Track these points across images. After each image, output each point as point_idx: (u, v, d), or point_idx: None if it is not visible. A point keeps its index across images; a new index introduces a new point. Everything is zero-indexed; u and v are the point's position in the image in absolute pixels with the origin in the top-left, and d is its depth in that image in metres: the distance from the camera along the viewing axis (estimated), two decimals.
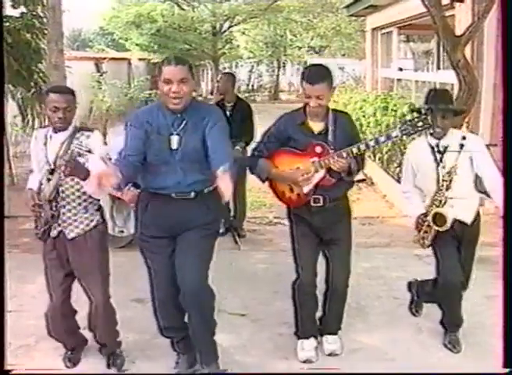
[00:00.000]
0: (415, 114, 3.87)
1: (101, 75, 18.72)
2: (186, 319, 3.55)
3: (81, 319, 3.84)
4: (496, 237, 5.72)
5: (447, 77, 8.81)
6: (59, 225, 3.49)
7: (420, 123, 3.50)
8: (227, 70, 25.48)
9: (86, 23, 32.95)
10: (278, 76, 30.55)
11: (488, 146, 7.94)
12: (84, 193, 3.45)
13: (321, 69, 3.66)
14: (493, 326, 3.73)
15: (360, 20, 19.56)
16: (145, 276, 4.93)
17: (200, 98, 18.09)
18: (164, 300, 3.53)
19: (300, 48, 27.68)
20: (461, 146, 3.68)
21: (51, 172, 3.41)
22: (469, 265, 3.99)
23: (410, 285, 4.47)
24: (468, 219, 3.87)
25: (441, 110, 3.69)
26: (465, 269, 3.92)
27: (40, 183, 3.48)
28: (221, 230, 5.64)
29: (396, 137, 3.56)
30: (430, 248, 3.93)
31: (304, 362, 3.81)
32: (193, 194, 3.31)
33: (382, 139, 3.59)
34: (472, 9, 7.64)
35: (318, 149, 3.55)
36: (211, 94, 22.15)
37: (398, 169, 7.75)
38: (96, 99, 16.42)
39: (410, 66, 12.92)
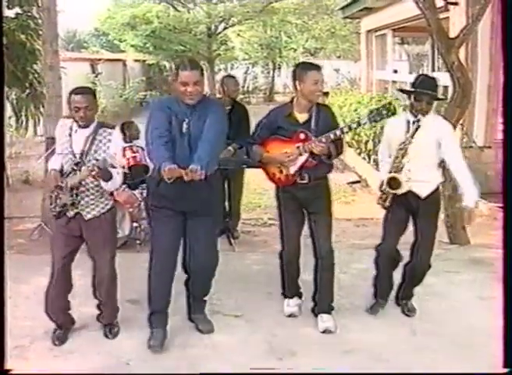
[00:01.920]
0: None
1: (96, 76, 18.69)
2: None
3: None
4: (489, 239, 5.80)
5: (441, 79, 8.84)
6: (77, 208, 3.91)
7: (384, 112, 4.03)
8: (223, 73, 25.48)
9: (81, 24, 32.84)
10: (273, 77, 30.52)
11: (481, 148, 8.07)
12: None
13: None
14: (488, 327, 3.75)
15: (355, 22, 19.56)
16: (140, 277, 4.95)
17: None
18: (160, 269, 4.04)
19: (295, 49, 27.65)
20: (430, 128, 4.12)
21: (77, 164, 3.84)
22: (427, 237, 4.30)
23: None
24: (423, 193, 4.20)
25: (427, 95, 4.12)
26: (422, 240, 4.30)
27: (62, 167, 3.93)
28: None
29: (365, 123, 4.19)
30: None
31: (289, 316, 4.42)
32: None
33: (354, 125, 4.24)
34: (466, 12, 7.65)
35: (302, 136, 4.11)
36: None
37: None
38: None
39: (404, 68, 12.97)
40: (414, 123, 4.15)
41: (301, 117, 4.17)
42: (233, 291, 4.83)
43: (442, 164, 4.32)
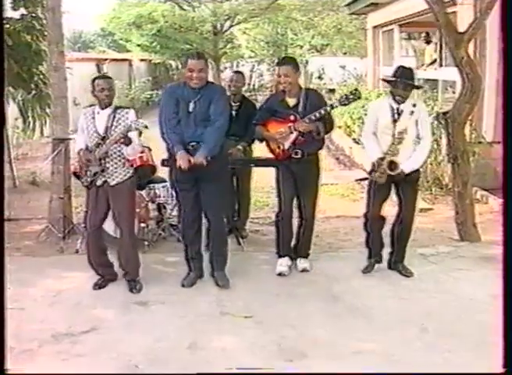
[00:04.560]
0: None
1: None
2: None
3: None
4: (500, 236, 5.72)
5: (450, 74, 8.77)
6: (104, 176, 4.76)
7: (351, 96, 4.97)
8: (230, 70, 25.43)
9: (87, 25, 32.90)
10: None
11: (491, 143, 7.99)
12: (122, 153, 4.75)
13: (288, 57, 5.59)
14: (499, 325, 3.69)
15: (361, 18, 19.44)
16: (148, 278, 4.95)
17: None
18: (188, 225, 4.99)
19: (301, 46, 27.52)
20: (412, 112, 4.85)
21: (103, 138, 4.69)
22: (410, 202, 5.07)
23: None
24: (406, 168, 4.91)
25: (403, 83, 4.87)
26: (406, 201, 5.06)
27: (87, 146, 4.80)
28: None
29: (336, 106, 5.05)
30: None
31: (279, 274, 5.15)
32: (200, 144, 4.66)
33: (328, 108, 4.99)
34: (474, 6, 7.60)
35: (292, 117, 5.00)
36: None
37: None
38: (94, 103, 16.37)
39: (411, 63, 12.87)
40: (397, 111, 4.89)
41: (291, 101, 5.07)
42: (242, 291, 4.80)
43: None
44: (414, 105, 4.88)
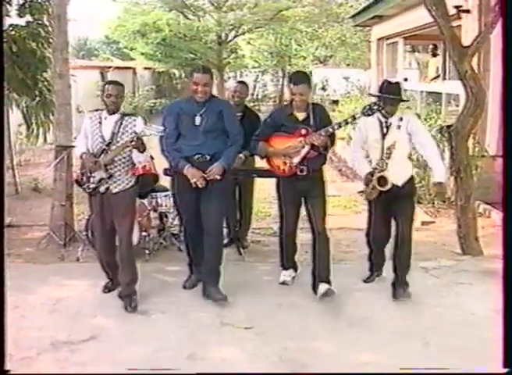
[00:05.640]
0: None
1: None
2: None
3: None
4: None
5: (453, 88, 8.77)
6: (107, 182, 4.65)
7: (375, 107, 4.71)
8: (233, 80, 25.48)
9: (91, 32, 32.95)
10: (282, 85, 30.47)
11: (494, 157, 7.97)
12: (127, 160, 4.68)
13: (302, 74, 5.29)
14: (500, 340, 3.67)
15: (365, 30, 19.49)
16: (149, 286, 4.93)
17: None
18: (191, 230, 4.98)
19: (305, 57, 27.58)
20: (398, 126, 4.81)
21: (108, 144, 4.62)
22: (406, 216, 4.90)
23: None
24: (399, 182, 4.85)
25: (390, 99, 4.81)
26: (403, 216, 4.89)
27: (88, 151, 4.71)
28: (225, 241, 5.61)
29: (359, 117, 4.82)
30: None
31: (282, 283, 5.15)
32: (207, 157, 4.72)
33: (350, 120, 4.89)
34: (479, 20, 7.61)
35: (303, 131, 4.82)
36: None
37: None
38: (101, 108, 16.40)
39: (415, 76, 12.89)
40: (386, 125, 4.84)
41: (300, 116, 4.91)
42: (243, 302, 4.77)
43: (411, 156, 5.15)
44: (401, 119, 4.83)
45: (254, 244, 6.42)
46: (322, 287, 4.78)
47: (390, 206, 4.95)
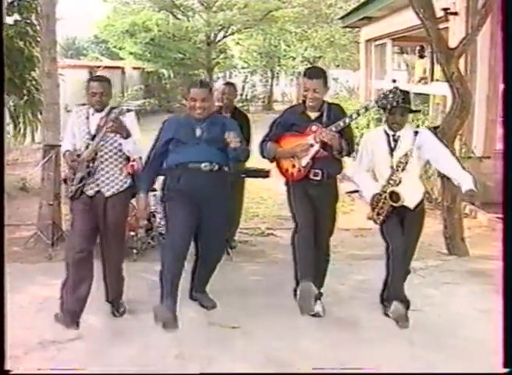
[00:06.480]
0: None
1: None
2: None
3: None
4: (489, 250, 5.77)
5: (440, 89, 8.83)
6: (97, 185, 4.18)
7: (391, 95, 4.21)
8: (222, 80, 25.49)
9: (80, 32, 32.91)
10: (271, 86, 30.58)
11: (480, 158, 8.04)
12: (120, 156, 4.24)
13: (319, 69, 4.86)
14: (488, 340, 3.71)
15: (354, 31, 19.60)
16: (137, 286, 4.93)
17: None
18: (176, 255, 4.15)
19: (294, 58, 27.66)
20: (413, 141, 4.26)
21: (92, 138, 4.15)
22: (411, 246, 4.38)
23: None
24: (411, 204, 4.36)
25: (400, 108, 4.28)
26: (407, 249, 4.35)
27: (75, 148, 4.26)
28: None
29: (373, 107, 4.46)
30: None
31: (314, 315, 4.44)
32: (216, 166, 4.25)
33: (362, 111, 4.45)
34: (466, 22, 7.67)
35: (314, 128, 4.34)
36: None
37: None
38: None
39: (403, 77, 12.94)
40: (393, 138, 4.34)
41: (313, 115, 4.44)
42: (231, 302, 4.77)
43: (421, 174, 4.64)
44: (416, 133, 4.32)
45: (242, 244, 6.43)
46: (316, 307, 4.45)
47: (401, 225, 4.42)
